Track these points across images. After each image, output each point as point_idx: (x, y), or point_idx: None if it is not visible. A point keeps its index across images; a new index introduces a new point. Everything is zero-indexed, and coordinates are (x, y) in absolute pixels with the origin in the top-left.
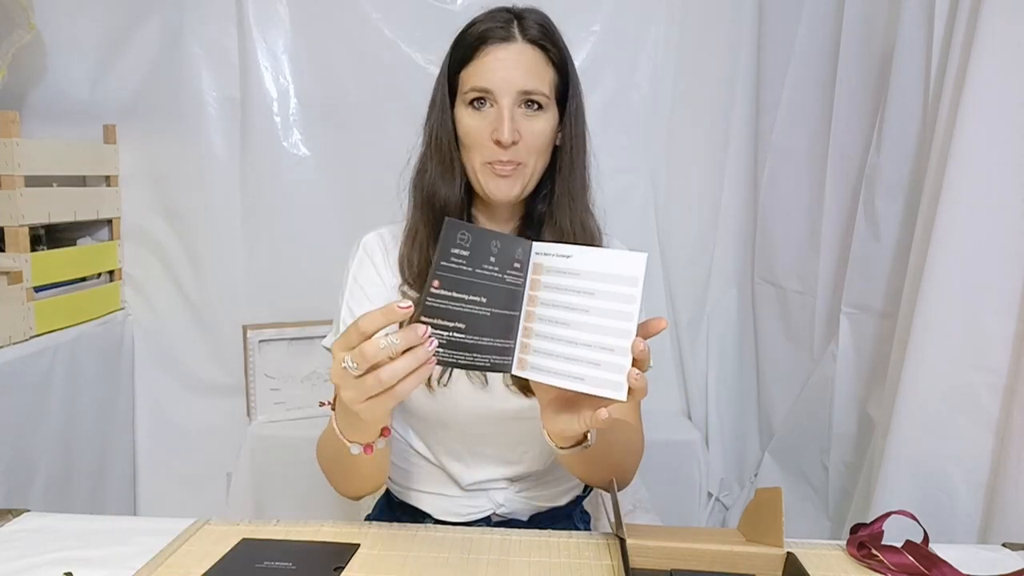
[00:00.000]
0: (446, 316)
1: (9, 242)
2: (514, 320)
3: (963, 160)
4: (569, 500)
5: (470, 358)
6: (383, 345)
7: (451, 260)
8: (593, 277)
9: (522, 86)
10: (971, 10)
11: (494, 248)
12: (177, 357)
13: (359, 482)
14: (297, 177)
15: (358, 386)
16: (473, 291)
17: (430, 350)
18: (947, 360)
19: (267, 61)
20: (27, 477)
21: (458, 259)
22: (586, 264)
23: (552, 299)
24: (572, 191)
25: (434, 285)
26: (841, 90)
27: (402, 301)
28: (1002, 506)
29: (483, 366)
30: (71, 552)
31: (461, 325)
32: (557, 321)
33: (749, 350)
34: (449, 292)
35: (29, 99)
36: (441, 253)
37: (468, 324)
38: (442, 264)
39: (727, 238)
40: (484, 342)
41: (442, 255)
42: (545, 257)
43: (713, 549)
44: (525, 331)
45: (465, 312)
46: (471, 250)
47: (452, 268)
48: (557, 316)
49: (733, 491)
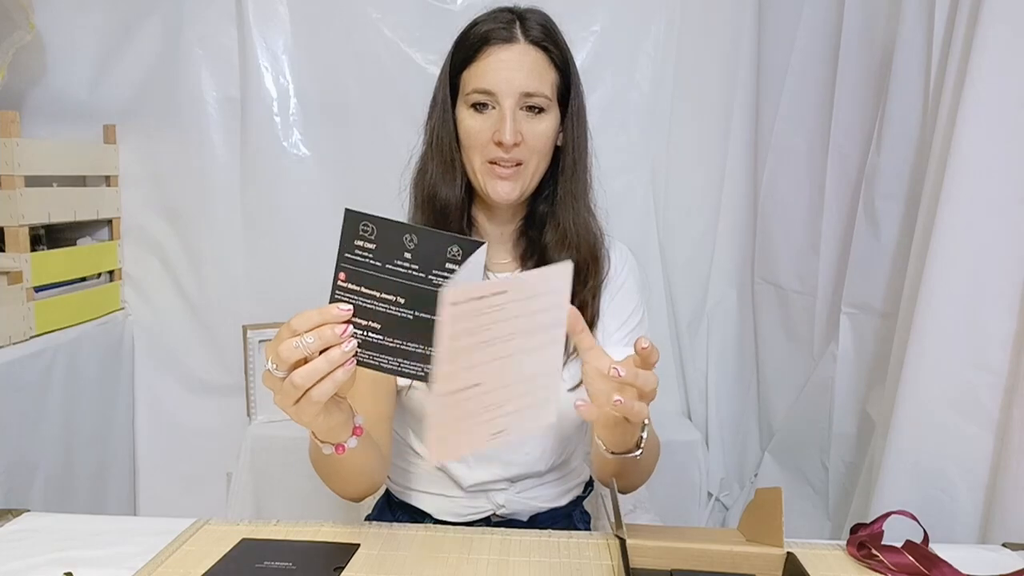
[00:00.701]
0: (358, 314)
1: (9, 242)
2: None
3: (963, 160)
4: (569, 500)
5: (394, 363)
6: (296, 344)
7: (355, 252)
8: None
9: (524, 88)
10: (971, 10)
11: (408, 243)
12: (177, 357)
13: (348, 482)
14: (297, 177)
15: (282, 390)
16: (385, 289)
17: (347, 350)
18: (947, 360)
19: (267, 61)
20: (27, 477)
21: (363, 252)
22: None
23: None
24: (574, 192)
25: (340, 278)
26: (841, 90)
27: (342, 303)
28: (1002, 506)
29: (412, 373)
30: (71, 552)
31: (376, 325)
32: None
33: (749, 350)
34: (357, 287)
35: (29, 99)
36: (343, 244)
37: (384, 325)
38: (345, 256)
39: (727, 238)
40: (409, 347)
41: (344, 246)
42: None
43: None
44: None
45: (380, 311)
46: (377, 243)
47: (357, 261)
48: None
49: (733, 491)
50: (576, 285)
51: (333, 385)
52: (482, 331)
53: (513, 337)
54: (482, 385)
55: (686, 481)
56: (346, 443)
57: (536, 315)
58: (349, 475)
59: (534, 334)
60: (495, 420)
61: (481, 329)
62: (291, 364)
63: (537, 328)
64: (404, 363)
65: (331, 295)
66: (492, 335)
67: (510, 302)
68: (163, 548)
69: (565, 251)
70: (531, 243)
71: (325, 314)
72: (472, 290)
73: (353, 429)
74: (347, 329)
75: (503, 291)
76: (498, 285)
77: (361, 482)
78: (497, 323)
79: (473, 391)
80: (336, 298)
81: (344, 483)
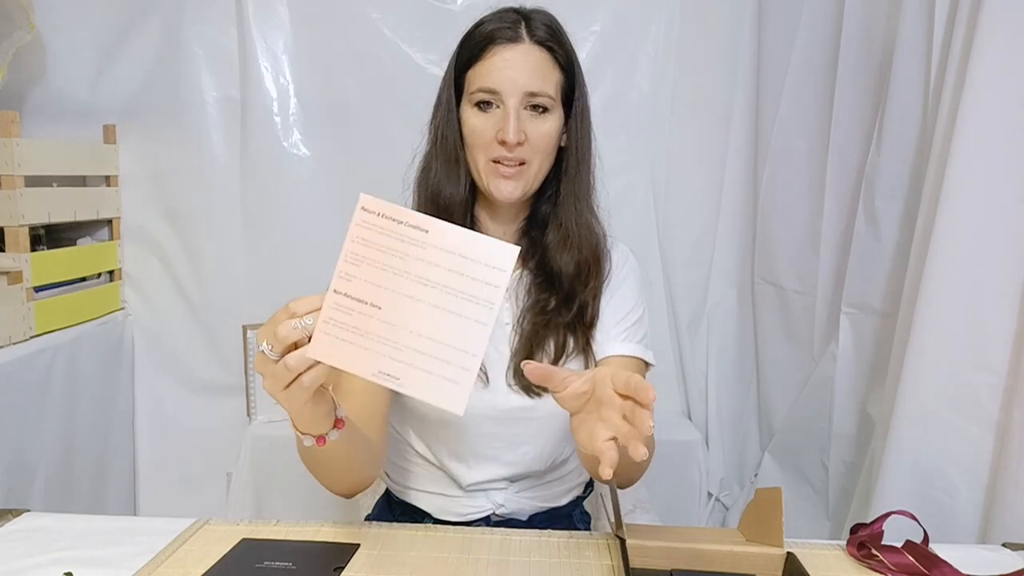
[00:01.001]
0: None
1: (9, 242)
2: None
3: (963, 160)
4: (569, 500)
5: None
6: (295, 325)
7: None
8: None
9: (529, 87)
10: (971, 10)
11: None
12: (177, 357)
13: (335, 476)
14: (297, 177)
15: (274, 373)
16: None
17: None
18: (947, 360)
19: (267, 61)
20: (27, 477)
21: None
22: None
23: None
24: (577, 192)
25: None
26: (841, 90)
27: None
28: (1002, 506)
29: None
30: (71, 552)
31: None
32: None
33: (749, 350)
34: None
35: (29, 99)
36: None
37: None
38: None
39: (727, 238)
40: None
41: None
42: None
43: (713, 549)
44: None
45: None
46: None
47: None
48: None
49: (733, 491)
50: (577, 285)
51: (325, 371)
52: (393, 257)
53: (428, 284)
54: (382, 311)
55: (686, 481)
56: (327, 435)
57: (465, 279)
58: (335, 469)
59: (457, 298)
60: (388, 360)
61: (392, 254)
62: (286, 346)
63: (463, 294)
64: None
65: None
66: (404, 267)
67: (432, 246)
68: (163, 548)
69: (567, 251)
70: (533, 243)
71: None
72: (388, 208)
73: (335, 421)
74: None
75: (424, 230)
76: (422, 220)
77: (349, 476)
78: (413, 259)
79: (370, 310)
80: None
81: (331, 477)
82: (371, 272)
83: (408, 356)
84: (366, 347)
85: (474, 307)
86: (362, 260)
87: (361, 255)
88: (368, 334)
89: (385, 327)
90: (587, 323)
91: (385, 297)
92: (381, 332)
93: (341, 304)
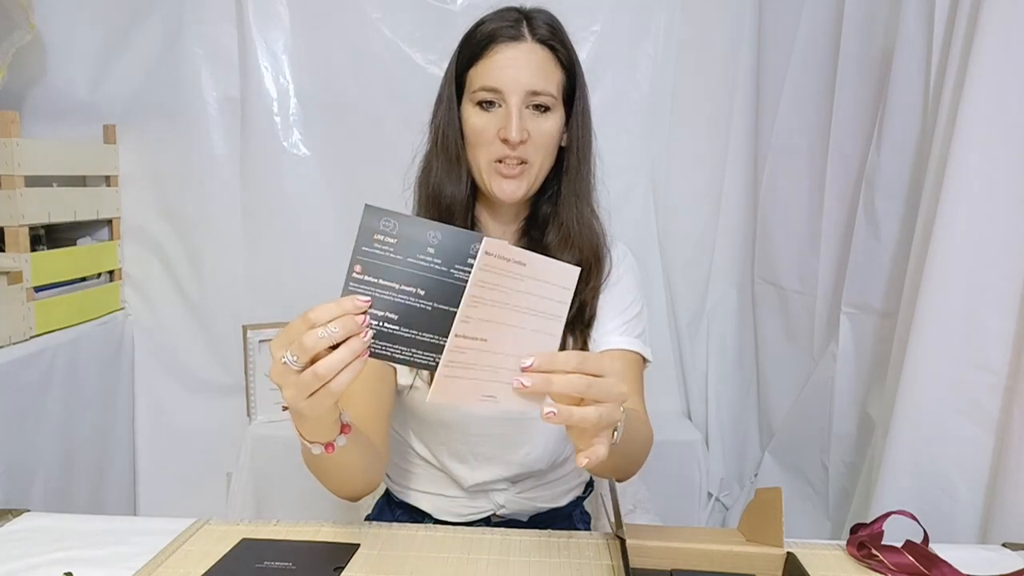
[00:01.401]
0: (375, 305)
1: (9, 242)
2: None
3: (963, 160)
4: (570, 500)
5: (407, 353)
6: (321, 334)
7: (374, 246)
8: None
9: (531, 86)
10: (971, 10)
11: (432, 239)
12: (177, 357)
13: (342, 481)
14: (297, 177)
15: (298, 383)
16: (406, 281)
17: (366, 340)
18: (947, 360)
19: (267, 61)
20: (27, 477)
21: (383, 245)
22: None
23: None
24: (578, 191)
25: (356, 270)
26: (841, 90)
27: (362, 296)
28: (1002, 506)
29: (424, 364)
30: (71, 552)
31: (393, 316)
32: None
33: (749, 350)
34: (374, 279)
35: (29, 99)
36: (361, 237)
37: (401, 315)
38: (363, 249)
39: (727, 238)
40: (426, 338)
41: (362, 239)
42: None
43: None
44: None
45: (397, 302)
46: (399, 237)
47: (376, 254)
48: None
49: (733, 491)
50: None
51: (351, 375)
52: (500, 291)
53: (521, 311)
54: (487, 342)
55: (686, 481)
56: (335, 441)
57: (544, 300)
58: (342, 474)
59: (538, 317)
60: (487, 383)
61: (500, 289)
62: (313, 355)
63: (541, 313)
64: (416, 353)
65: (344, 287)
66: (506, 299)
67: (527, 276)
68: (163, 548)
69: (568, 251)
70: (534, 243)
71: (344, 305)
72: (505, 249)
73: (341, 427)
74: (366, 319)
75: (522, 263)
76: (521, 255)
77: (356, 481)
78: (513, 291)
79: (478, 344)
80: (351, 290)
81: (339, 482)
82: (483, 311)
83: (503, 376)
84: (472, 378)
85: (547, 322)
86: (479, 301)
87: (480, 297)
88: (475, 366)
89: (486, 356)
90: (586, 322)
91: (490, 329)
92: (483, 361)
93: (460, 346)
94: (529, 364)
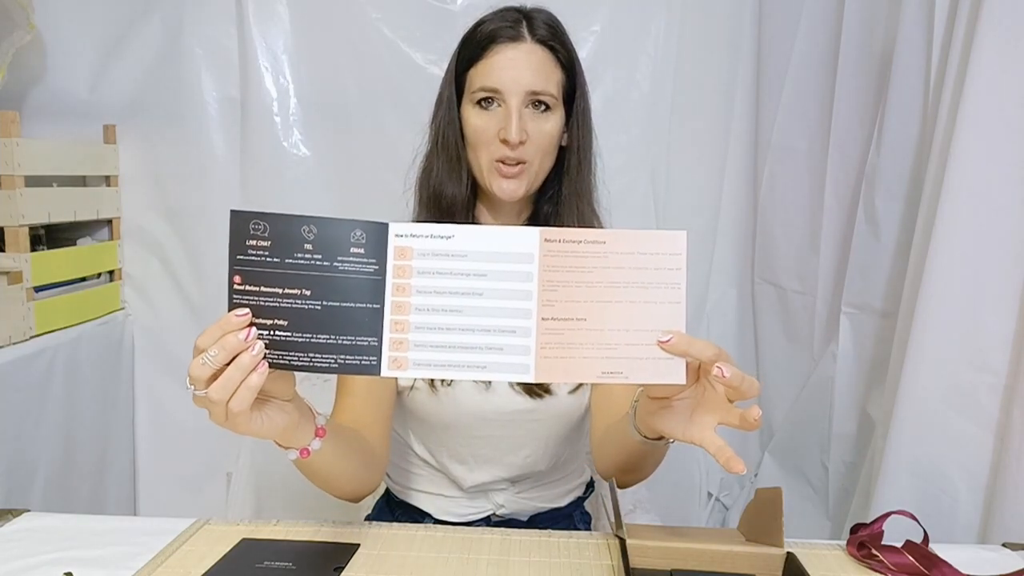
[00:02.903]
0: (260, 313)
1: (9, 242)
2: (373, 314)
3: (963, 160)
4: (570, 501)
5: (306, 359)
6: (202, 362)
7: (248, 253)
8: (482, 257)
9: (531, 86)
10: (971, 10)
11: (307, 234)
12: (177, 357)
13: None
14: (297, 177)
15: (209, 409)
16: (288, 283)
17: (255, 354)
18: (947, 360)
19: (267, 61)
20: (27, 477)
21: (258, 250)
22: (472, 244)
23: (432, 286)
24: (579, 191)
25: (235, 281)
26: (841, 90)
27: (240, 309)
28: (1002, 506)
29: (327, 367)
30: (71, 552)
31: (282, 322)
32: (444, 309)
33: (749, 350)
34: (256, 287)
35: (29, 99)
36: (234, 246)
37: (291, 320)
38: (238, 258)
39: (727, 238)
40: (321, 339)
41: (236, 248)
42: (413, 239)
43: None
44: (396, 325)
45: (284, 307)
46: (272, 239)
47: (253, 261)
48: (442, 304)
49: (733, 491)
50: None
51: (249, 391)
52: (583, 272)
53: (620, 285)
54: (587, 321)
55: (686, 481)
56: (309, 446)
57: (647, 272)
58: (326, 477)
59: (647, 289)
60: (607, 360)
61: (582, 270)
62: (205, 381)
63: (651, 284)
64: (316, 357)
65: (228, 302)
66: (596, 279)
67: (612, 252)
68: (163, 548)
69: None
70: None
71: (224, 324)
72: (567, 233)
73: (316, 431)
74: (250, 333)
75: (601, 241)
76: (597, 234)
77: (346, 483)
78: (601, 268)
79: (576, 324)
80: (234, 303)
81: (325, 483)
82: (566, 292)
83: (624, 351)
84: (584, 356)
85: (664, 291)
86: (556, 285)
87: (555, 280)
88: (582, 345)
89: (595, 334)
90: None
91: (585, 309)
92: (592, 339)
93: (551, 328)
94: (666, 340)
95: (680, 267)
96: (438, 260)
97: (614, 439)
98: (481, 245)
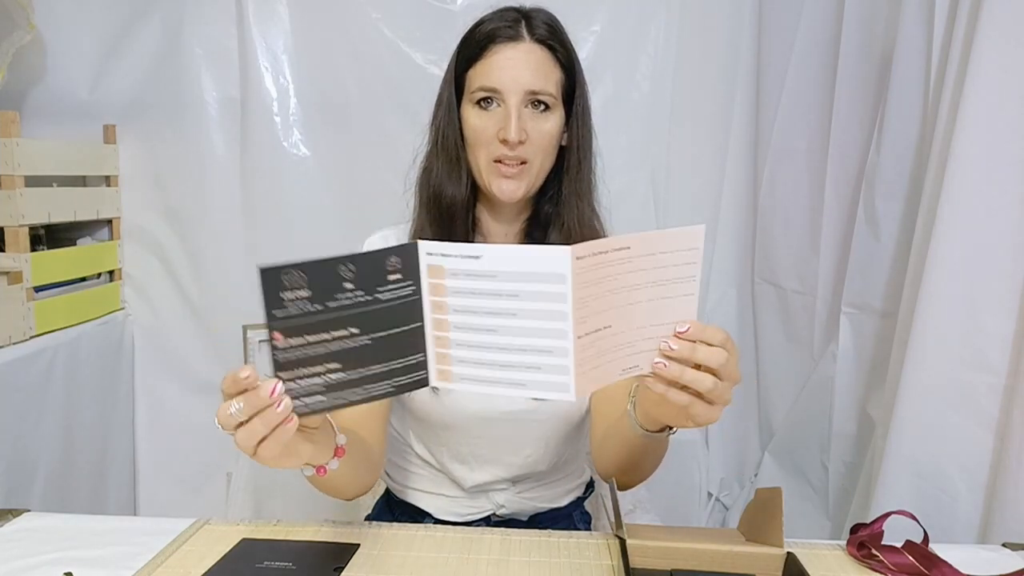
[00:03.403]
0: (309, 363)
1: (9, 242)
2: (416, 333)
3: (963, 160)
4: (570, 501)
5: (363, 392)
6: (231, 412)
7: (285, 306)
8: (512, 278)
9: (530, 86)
10: (971, 10)
11: (346, 273)
12: (177, 357)
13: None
14: (297, 177)
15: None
16: (334, 326)
17: (279, 411)
18: (947, 360)
19: (267, 61)
20: (27, 477)
21: (295, 301)
22: (501, 264)
23: (466, 305)
24: (579, 191)
25: (276, 339)
26: (841, 90)
27: (243, 370)
28: (1002, 506)
29: (385, 393)
30: (71, 552)
31: (335, 365)
32: (479, 328)
33: (749, 350)
34: (301, 338)
35: (29, 99)
36: (269, 302)
37: (344, 361)
38: (274, 315)
39: (727, 238)
40: (376, 370)
41: (271, 303)
42: (444, 259)
43: (713, 549)
44: (438, 340)
45: (335, 351)
46: (312, 287)
47: (292, 314)
48: (478, 323)
49: (733, 491)
50: None
51: (277, 444)
52: (609, 280)
53: (641, 287)
54: (612, 327)
55: (686, 481)
56: (327, 465)
57: (667, 269)
58: (334, 486)
59: (664, 286)
60: (628, 357)
61: (608, 279)
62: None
63: (669, 281)
64: (372, 387)
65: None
66: (619, 284)
67: (637, 256)
68: (163, 548)
69: None
70: (536, 243)
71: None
72: (595, 247)
73: (335, 450)
74: (275, 389)
75: (626, 247)
76: (622, 241)
77: (350, 489)
78: (624, 274)
79: (604, 332)
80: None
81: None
82: (595, 304)
83: (641, 346)
84: (610, 360)
85: (680, 285)
86: (587, 300)
87: (586, 297)
88: (608, 350)
89: (619, 337)
90: None
91: (611, 316)
92: (617, 343)
93: (585, 344)
94: (684, 330)
95: (696, 261)
96: (469, 280)
97: (616, 437)
98: (510, 265)
